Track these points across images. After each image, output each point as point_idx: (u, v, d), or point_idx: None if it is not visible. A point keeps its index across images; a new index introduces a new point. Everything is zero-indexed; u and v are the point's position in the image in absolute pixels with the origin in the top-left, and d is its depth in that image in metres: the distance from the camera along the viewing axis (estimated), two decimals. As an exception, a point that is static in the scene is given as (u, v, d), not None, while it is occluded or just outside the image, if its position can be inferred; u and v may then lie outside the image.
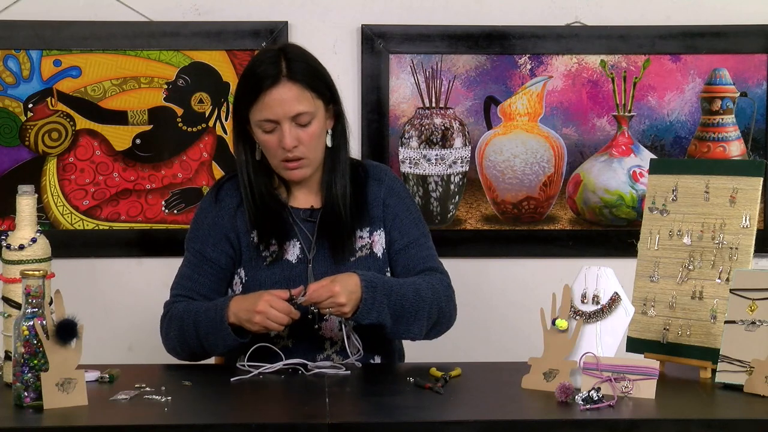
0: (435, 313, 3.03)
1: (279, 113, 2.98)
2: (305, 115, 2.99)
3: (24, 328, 2.57)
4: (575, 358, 2.71)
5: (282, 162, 3.02)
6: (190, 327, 2.99)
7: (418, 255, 3.10)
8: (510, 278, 4.02)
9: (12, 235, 2.82)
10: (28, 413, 2.55)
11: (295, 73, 2.99)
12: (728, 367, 2.75)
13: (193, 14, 3.91)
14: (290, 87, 2.98)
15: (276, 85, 2.98)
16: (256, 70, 3.01)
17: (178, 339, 3.02)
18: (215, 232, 3.09)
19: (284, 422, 2.53)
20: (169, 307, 3.08)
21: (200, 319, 2.98)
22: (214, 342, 2.96)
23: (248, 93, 3.00)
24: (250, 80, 3.01)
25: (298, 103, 2.99)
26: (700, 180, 2.96)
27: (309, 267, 3.04)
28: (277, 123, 2.99)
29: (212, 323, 2.95)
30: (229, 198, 3.11)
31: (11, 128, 3.89)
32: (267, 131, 3.00)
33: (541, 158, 3.99)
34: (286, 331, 3.02)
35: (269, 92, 2.97)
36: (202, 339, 2.98)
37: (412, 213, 3.15)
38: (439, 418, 2.60)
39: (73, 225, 3.92)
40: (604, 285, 2.77)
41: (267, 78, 2.98)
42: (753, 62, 3.98)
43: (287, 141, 2.98)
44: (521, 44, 3.96)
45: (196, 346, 3.01)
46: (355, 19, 3.93)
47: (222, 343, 2.96)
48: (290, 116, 2.98)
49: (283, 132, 2.98)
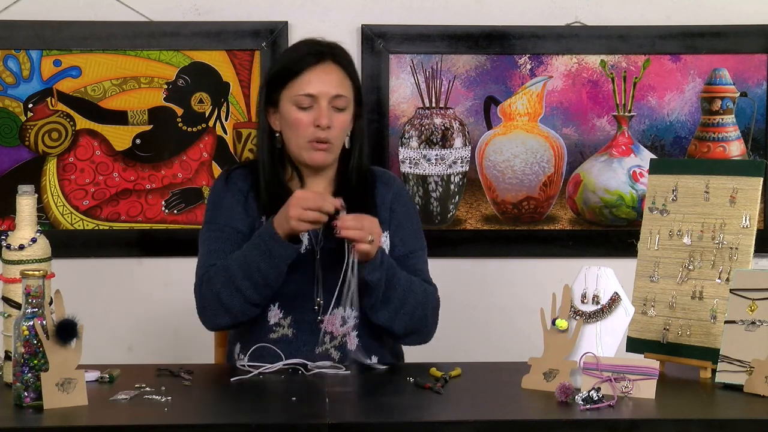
0: (418, 316, 3.03)
1: (321, 90, 3.02)
2: (343, 99, 3.04)
3: (24, 328, 2.57)
4: (575, 358, 2.71)
5: (310, 142, 3.03)
6: (238, 269, 2.94)
7: (415, 266, 3.10)
8: (510, 278, 4.02)
9: (12, 235, 2.82)
10: (28, 413, 2.55)
11: (340, 58, 3.07)
12: (728, 367, 2.75)
13: (193, 14, 3.92)
14: (335, 69, 3.05)
15: (321, 62, 3.04)
16: (301, 49, 3.09)
17: (226, 289, 2.95)
18: (234, 206, 3.07)
19: (284, 422, 2.53)
20: (203, 274, 3.01)
21: (247, 255, 2.93)
22: (270, 265, 2.91)
23: (288, 70, 3.04)
24: (293, 57, 3.07)
25: (341, 86, 3.04)
26: (700, 180, 2.96)
27: (317, 259, 3.03)
28: (314, 101, 3.02)
29: (260, 247, 2.91)
30: (240, 183, 3.10)
31: (11, 128, 3.89)
32: (302, 107, 3.03)
33: (541, 158, 4.00)
34: (289, 320, 3.02)
35: (314, 68, 3.03)
36: (254, 273, 2.92)
37: (415, 225, 3.16)
38: (439, 418, 2.60)
39: (73, 225, 3.92)
40: (604, 285, 2.77)
41: (313, 56, 3.04)
42: (753, 62, 3.98)
43: (323, 119, 3.01)
44: (521, 44, 3.96)
45: (247, 288, 2.94)
46: (355, 19, 3.93)
47: (279, 261, 2.91)
48: (331, 96, 3.02)
49: (320, 109, 3.02)
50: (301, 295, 3.02)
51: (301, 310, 3.02)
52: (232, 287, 2.95)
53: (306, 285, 3.02)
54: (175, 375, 2.85)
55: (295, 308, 3.03)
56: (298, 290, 3.02)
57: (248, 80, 3.92)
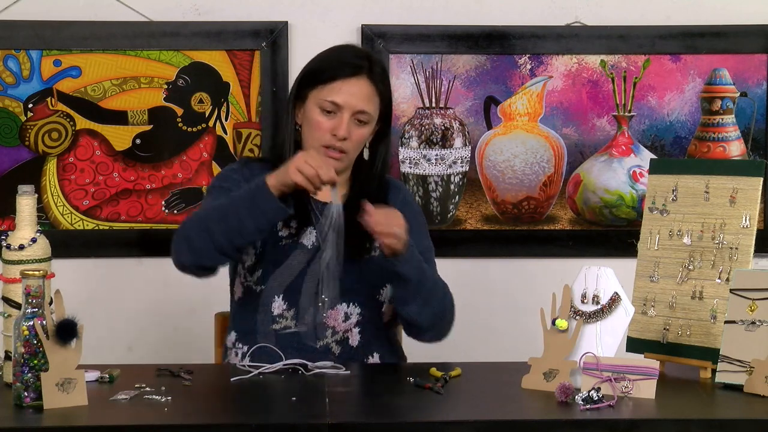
0: (441, 310, 3.07)
1: (348, 102, 3.03)
2: (366, 115, 3.06)
3: (24, 328, 2.57)
4: (575, 358, 2.71)
5: (323, 147, 3.05)
6: (215, 211, 2.92)
7: None
8: (510, 278, 4.02)
9: (12, 235, 2.82)
10: (28, 413, 2.55)
11: (376, 75, 3.08)
12: (728, 367, 2.75)
13: (193, 14, 3.92)
14: (367, 84, 3.06)
15: (357, 76, 3.05)
16: (341, 56, 3.09)
17: (197, 226, 2.93)
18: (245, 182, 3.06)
19: (284, 422, 2.53)
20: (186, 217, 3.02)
21: (231, 199, 2.92)
22: (250, 213, 2.88)
23: (324, 73, 3.05)
24: (331, 63, 3.07)
25: (368, 102, 3.05)
26: (700, 180, 2.96)
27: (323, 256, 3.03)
28: (338, 109, 3.03)
29: (247, 196, 2.89)
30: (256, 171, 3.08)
31: (11, 128, 3.89)
32: (326, 111, 3.04)
33: (541, 158, 4.00)
34: (292, 312, 3.04)
35: (348, 80, 3.04)
36: (230, 217, 2.89)
37: (422, 228, 3.19)
38: (439, 418, 2.60)
39: (73, 225, 3.92)
40: (604, 285, 2.77)
41: (350, 67, 3.05)
42: (753, 62, 3.99)
43: (342, 130, 3.02)
44: (521, 44, 3.96)
45: (218, 230, 2.90)
46: (355, 19, 3.93)
47: (259, 213, 2.88)
48: (355, 110, 3.04)
49: (341, 120, 3.03)
50: (306, 289, 3.04)
51: (305, 305, 3.04)
52: (203, 225, 2.93)
53: (311, 279, 3.04)
54: (175, 375, 2.85)
55: (299, 301, 3.04)
56: (303, 284, 3.03)
57: (248, 80, 3.92)
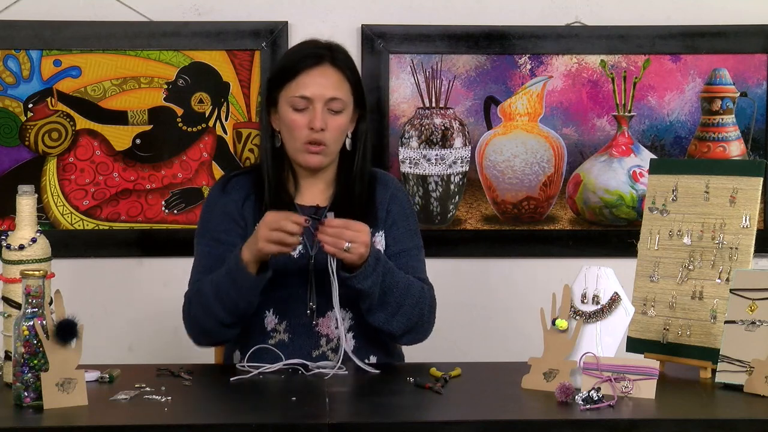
0: (416, 316, 3.03)
1: (316, 93, 3.02)
2: (338, 102, 3.04)
3: (24, 328, 2.57)
4: (575, 358, 2.71)
5: (304, 144, 3.04)
6: (210, 293, 2.96)
7: (408, 264, 3.10)
8: (510, 278, 4.02)
9: (12, 235, 2.82)
10: (28, 413, 2.55)
11: (338, 61, 3.06)
12: (728, 367, 2.75)
13: (193, 14, 3.92)
14: (332, 71, 3.05)
15: (319, 65, 3.04)
16: (300, 51, 3.09)
17: (202, 312, 2.98)
18: (226, 218, 3.08)
19: (284, 422, 2.53)
20: (188, 292, 3.04)
21: (219, 280, 2.95)
22: (237, 293, 2.92)
23: (287, 70, 3.05)
24: (292, 59, 3.08)
25: (336, 89, 3.04)
26: (700, 180, 2.96)
27: (311, 263, 3.03)
28: (310, 103, 3.02)
29: (230, 274, 2.92)
30: (237, 191, 3.11)
31: (11, 128, 3.89)
32: (298, 109, 3.03)
33: (541, 158, 4.00)
34: (284, 325, 3.03)
35: (311, 71, 3.03)
36: (224, 298, 2.93)
37: (411, 225, 3.16)
38: (439, 418, 2.60)
39: (73, 225, 3.92)
40: (604, 285, 2.77)
41: (311, 58, 3.05)
42: (753, 62, 3.99)
43: (317, 121, 3.01)
44: (521, 44, 3.96)
45: (220, 311, 2.95)
46: (355, 19, 3.93)
47: (244, 290, 2.91)
48: (326, 98, 3.02)
49: (315, 112, 3.01)
50: (295, 300, 3.03)
51: (296, 314, 3.03)
52: (207, 311, 2.98)
53: (300, 289, 3.03)
54: (175, 375, 2.85)
55: (290, 313, 3.04)
56: (292, 295, 3.03)
57: (248, 80, 3.92)
